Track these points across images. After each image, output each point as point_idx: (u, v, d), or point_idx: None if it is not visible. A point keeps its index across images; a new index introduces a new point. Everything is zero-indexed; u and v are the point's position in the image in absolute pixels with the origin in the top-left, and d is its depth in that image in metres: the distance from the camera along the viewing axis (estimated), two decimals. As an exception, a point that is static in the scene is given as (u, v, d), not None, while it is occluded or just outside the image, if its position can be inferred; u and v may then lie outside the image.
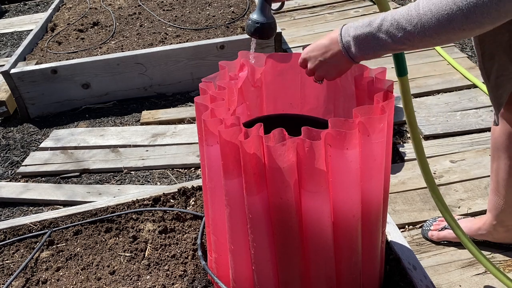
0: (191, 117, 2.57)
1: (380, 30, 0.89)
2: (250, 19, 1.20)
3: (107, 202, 1.79)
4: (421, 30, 0.82)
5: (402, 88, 1.14)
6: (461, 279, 1.51)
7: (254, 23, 1.19)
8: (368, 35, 0.91)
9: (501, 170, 1.35)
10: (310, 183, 1.01)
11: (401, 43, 0.87)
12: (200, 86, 1.20)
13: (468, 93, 2.45)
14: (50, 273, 1.54)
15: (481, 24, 0.77)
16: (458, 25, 0.78)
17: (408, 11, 0.84)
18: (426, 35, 0.82)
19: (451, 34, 0.81)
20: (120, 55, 2.74)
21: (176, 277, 1.47)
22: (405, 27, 0.84)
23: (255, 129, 1.00)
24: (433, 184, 1.24)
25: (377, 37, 0.90)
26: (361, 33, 0.92)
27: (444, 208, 1.25)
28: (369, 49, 0.93)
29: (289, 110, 1.44)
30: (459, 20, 0.77)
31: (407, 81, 1.13)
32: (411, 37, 0.85)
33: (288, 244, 1.10)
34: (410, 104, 1.15)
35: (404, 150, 2.10)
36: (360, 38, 0.93)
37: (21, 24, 4.24)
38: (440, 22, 0.79)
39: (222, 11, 3.36)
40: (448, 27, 0.79)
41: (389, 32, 0.88)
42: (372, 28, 0.90)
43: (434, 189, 1.24)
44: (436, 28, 0.81)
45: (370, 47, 0.92)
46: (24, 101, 2.74)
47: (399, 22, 0.85)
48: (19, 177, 2.27)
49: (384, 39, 0.89)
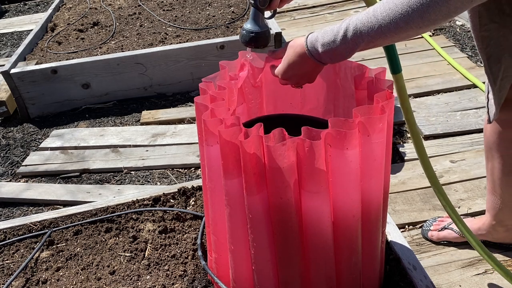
0: (191, 117, 2.57)
1: (344, 42, 0.97)
2: (244, 29, 1.20)
3: (107, 202, 1.79)
4: (381, 33, 0.90)
5: (397, 85, 1.15)
6: (461, 279, 1.51)
7: (248, 33, 1.20)
8: (336, 49, 0.99)
9: (496, 170, 1.36)
10: (310, 183, 1.01)
11: (366, 47, 0.97)
12: (200, 86, 1.20)
13: (468, 93, 2.45)
14: (50, 273, 1.54)
15: (435, 21, 0.84)
16: (415, 25, 0.86)
17: (367, 18, 0.92)
18: (387, 37, 0.91)
19: (410, 32, 0.89)
20: (120, 55, 2.74)
21: (176, 277, 1.47)
22: (368, 33, 0.92)
23: (255, 129, 1.00)
24: (435, 179, 1.24)
25: (344, 48, 0.98)
26: (329, 49, 1.00)
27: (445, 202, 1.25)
28: (339, 58, 1.02)
29: (289, 110, 1.44)
30: (415, 21, 0.85)
31: (401, 77, 1.15)
32: (373, 40, 0.93)
33: (288, 244, 1.10)
34: (407, 102, 1.16)
35: (404, 150, 2.10)
36: (328, 53, 1.01)
37: (21, 24, 4.24)
38: (398, 25, 0.87)
39: (222, 11, 3.36)
40: (406, 27, 0.87)
41: (353, 41, 0.96)
42: (336, 44, 0.98)
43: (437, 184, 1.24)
44: (395, 30, 0.89)
45: (340, 56, 1.01)
46: (24, 101, 2.74)
47: (361, 31, 0.93)
48: (19, 177, 2.27)
49: (350, 47, 0.98)
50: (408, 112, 1.17)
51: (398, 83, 1.15)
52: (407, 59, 2.82)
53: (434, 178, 1.24)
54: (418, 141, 1.20)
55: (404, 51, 2.91)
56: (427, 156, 1.22)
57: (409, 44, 2.99)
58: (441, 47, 2.88)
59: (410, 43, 3.00)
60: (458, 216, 1.27)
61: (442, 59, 2.79)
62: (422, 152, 1.21)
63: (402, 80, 1.15)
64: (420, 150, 1.21)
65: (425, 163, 1.22)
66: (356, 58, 2.87)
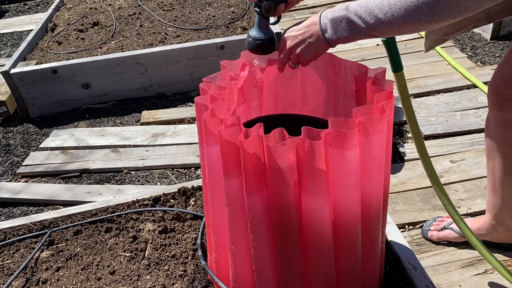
0: (191, 117, 2.57)
1: (355, 15, 0.96)
2: (250, 36, 1.21)
3: (107, 202, 1.79)
4: (390, 18, 0.89)
5: (398, 84, 1.15)
6: (461, 279, 1.51)
7: (254, 40, 1.21)
8: (343, 17, 0.98)
9: (496, 169, 1.36)
10: (310, 183, 1.01)
11: (373, 29, 0.94)
12: (200, 86, 1.20)
13: (468, 93, 2.45)
14: (50, 273, 1.54)
15: (445, 17, 0.84)
16: (424, 17, 0.85)
17: (381, 0, 0.91)
18: (395, 24, 0.90)
19: (418, 25, 0.88)
20: (120, 55, 2.74)
21: (176, 277, 1.47)
22: (377, 14, 0.91)
23: (255, 129, 1.00)
24: (436, 178, 1.24)
25: (351, 21, 0.97)
26: (337, 16, 0.99)
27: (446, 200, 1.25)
28: (343, 31, 0.99)
29: (289, 110, 1.44)
30: (424, 13, 0.85)
31: (403, 76, 1.15)
32: (381, 24, 0.92)
33: (288, 244, 1.10)
34: (408, 100, 1.16)
35: (404, 150, 2.10)
36: (336, 20, 0.99)
37: (21, 24, 4.24)
38: (408, 13, 0.86)
39: (222, 11, 3.36)
40: (415, 18, 0.86)
41: (362, 18, 0.94)
42: (347, 12, 0.97)
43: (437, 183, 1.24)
44: (404, 18, 0.88)
45: (344, 30, 0.99)
46: (24, 101, 2.74)
47: (372, 9, 0.92)
48: (19, 177, 2.27)
49: (357, 23, 0.96)
50: (409, 110, 1.17)
51: (399, 82, 1.15)
52: (407, 59, 2.82)
53: (435, 177, 1.24)
54: (419, 140, 1.20)
55: (404, 51, 2.91)
56: (428, 155, 1.22)
57: (409, 44, 2.99)
58: (441, 47, 2.88)
59: (410, 43, 3.00)
60: (458, 215, 1.27)
61: (442, 59, 2.79)
62: (423, 151, 1.21)
63: (404, 78, 1.15)
64: (421, 149, 1.21)
65: (426, 162, 1.22)
66: (356, 58, 2.88)
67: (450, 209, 1.26)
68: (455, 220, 1.27)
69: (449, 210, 1.26)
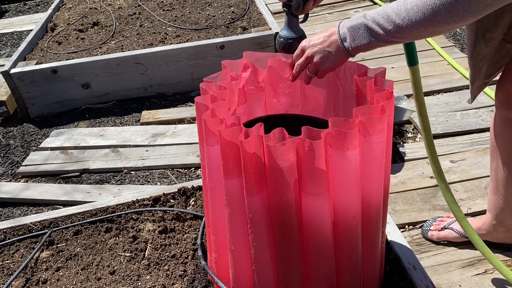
0: (191, 117, 2.57)
1: (373, 21, 0.95)
2: (280, 36, 1.22)
3: (107, 202, 1.79)
4: (408, 23, 0.89)
5: (413, 77, 1.15)
6: (461, 279, 1.51)
7: (286, 39, 1.22)
8: (361, 25, 0.98)
9: (500, 169, 1.36)
10: (310, 183, 1.01)
11: (392, 35, 0.94)
12: (201, 86, 1.20)
13: (468, 93, 2.45)
14: (50, 273, 1.54)
15: (464, 18, 0.83)
16: (442, 19, 0.85)
17: (398, 6, 0.91)
18: (413, 28, 0.89)
19: (437, 27, 0.87)
20: (120, 55, 2.74)
21: (176, 277, 1.47)
22: (394, 20, 0.91)
23: (255, 129, 1.00)
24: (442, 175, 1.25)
25: (369, 28, 0.96)
26: (355, 23, 0.99)
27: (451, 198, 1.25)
28: (362, 39, 0.99)
29: (290, 110, 1.44)
30: (442, 15, 0.84)
31: (418, 70, 1.15)
32: (400, 29, 0.91)
33: (288, 244, 1.10)
34: (421, 95, 1.17)
35: (404, 150, 2.10)
36: (354, 28, 0.99)
37: (21, 24, 4.24)
38: (426, 17, 0.86)
39: (222, 11, 3.36)
40: (433, 21, 0.86)
41: (380, 24, 0.94)
42: (365, 19, 0.97)
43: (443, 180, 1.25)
44: (422, 22, 0.87)
45: (363, 37, 0.98)
46: (24, 101, 2.73)
47: (389, 15, 0.92)
48: (19, 177, 2.27)
49: (375, 30, 0.96)
50: (421, 105, 1.18)
51: (414, 76, 1.15)
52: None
53: (441, 174, 1.24)
54: (428, 135, 1.20)
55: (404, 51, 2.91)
56: (435, 151, 1.23)
57: (409, 44, 2.99)
58: (441, 47, 2.88)
59: (410, 43, 3.00)
60: (461, 213, 1.27)
61: (442, 59, 2.79)
62: (432, 147, 1.22)
63: (419, 73, 1.16)
64: (430, 145, 1.21)
65: (434, 158, 1.23)
66: (356, 58, 2.87)
67: (453, 207, 1.26)
68: (457, 218, 1.27)
69: (453, 207, 1.26)
